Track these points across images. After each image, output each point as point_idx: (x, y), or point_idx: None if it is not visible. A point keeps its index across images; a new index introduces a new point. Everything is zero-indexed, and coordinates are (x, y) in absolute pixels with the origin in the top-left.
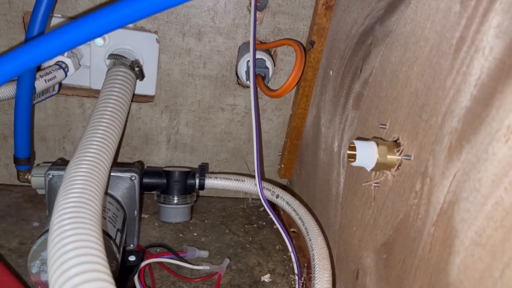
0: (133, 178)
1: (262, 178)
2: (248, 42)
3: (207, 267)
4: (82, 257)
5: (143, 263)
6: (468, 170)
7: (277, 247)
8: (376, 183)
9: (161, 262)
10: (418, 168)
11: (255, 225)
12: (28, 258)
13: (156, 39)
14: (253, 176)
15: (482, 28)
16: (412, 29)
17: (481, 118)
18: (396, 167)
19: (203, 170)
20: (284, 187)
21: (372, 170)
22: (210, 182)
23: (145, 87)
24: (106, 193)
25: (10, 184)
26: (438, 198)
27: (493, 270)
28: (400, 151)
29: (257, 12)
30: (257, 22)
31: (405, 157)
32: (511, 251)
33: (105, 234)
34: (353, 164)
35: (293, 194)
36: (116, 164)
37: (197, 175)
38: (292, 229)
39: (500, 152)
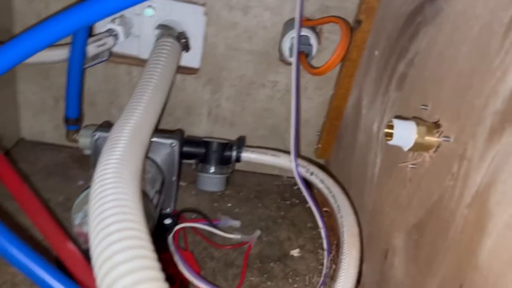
0: (173, 145)
1: (298, 156)
2: (294, 19)
3: (239, 236)
4: (121, 215)
5: (178, 226)
6: (508, 153)
7: (308, 225)
8: (413, 164)
9: (195, 227)
10: (456, 150)
11: (288, 202)
12: (72, 210)
13: (204, 11)
14: (289, 153)
15: None
16: (463, 8)
17: None
18: (434, 149)
19: (241, 142)
20: (320, 167)
21: (409, 150)
22: (246, 155)
23: (190, 59)
24: (147, 157)
25: (59, 145)
26: (475, 181)
27: None
28: (439, 132)
29: None
30: None
31: (444, 139)
32: None
33: (143, 194)
34: (390, 142)
35: (329, 174)
36: (159, 131)
37: (234, 147)
38: (324, 209)
39: None
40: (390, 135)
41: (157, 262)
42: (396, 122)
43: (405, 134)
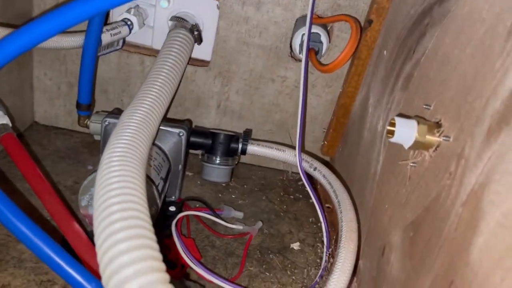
0: (181, 134)
1: (303, 151)
2: (306, 16)
3: (240, 227)
4: (124, 195)
5: (182, 214)
6: (504, 153)
7: (310, 219)
8: (413, 163)
9: (198, 216)
10: (455, 149)
11: (292, 197)
12: (78, 192)
13: (217, 5)
14: (295, 148)
15: None
16: (470, 11)
17: None
18: (434, 148)
19: (247, 135)
20: (325, 163)
21: (409, 148)
22: (252, 148)
23: (202, 51)
24: (154, 144)
25: (71, 130)
26: (470, 180)
27: None
28: (440, 132)
29: None
30: None
31: (444, 138)
32: None
33: (149, 179)
34: (391, 140)
35: (333, 171)
36: (168, 120)
37: (240, 139)
38: (327, 205)
39: None
40: (391, 132)
41: (159, 252)
42: (398, 120)
43: (406, 132)
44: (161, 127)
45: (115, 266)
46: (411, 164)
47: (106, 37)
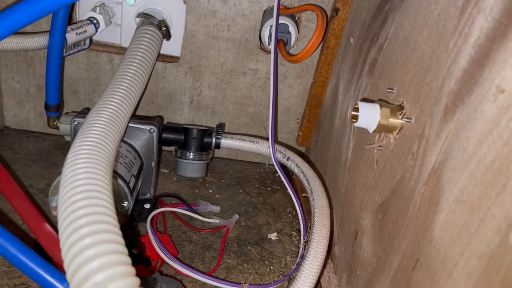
0: (152, 131)
1: (278, 142)
2: (273, 7)
3: (217, 221)
4: (89, 192)
5: (158, 210)
6: (459, 130)
7: (288, 209)
8: (380, 146)
9: (174, 212)
10: (417, 130)
11: (269, 188)
12: (49, 193)
13: (184, 0)
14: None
15: None
16: None
17: (475, 79)
18: (398, 130)
19: (220, 129)
20: (301, 154)
21: (374, 132)
22: (225, 141)
23: (171, 47)
24: (125, 141)
25: (43, 132)
26: (431, 159)
27: (470, 225)
28: (403, 114)
29: None
30: None
31: (406, 120)
32: (487, 207)
33: (118, 176)
34: (355, 124)
35: (309, 161)
36: (139, 117)
37: (214, 134)
38: (303, 194)
39: (488, 111)
40: (355, 117)
41: (124, 247)
42: (361, 105)
43: (369, 116)
44: (131, 125)
45: (80, 261)
46: (378, 148)
47: (71, 37)
